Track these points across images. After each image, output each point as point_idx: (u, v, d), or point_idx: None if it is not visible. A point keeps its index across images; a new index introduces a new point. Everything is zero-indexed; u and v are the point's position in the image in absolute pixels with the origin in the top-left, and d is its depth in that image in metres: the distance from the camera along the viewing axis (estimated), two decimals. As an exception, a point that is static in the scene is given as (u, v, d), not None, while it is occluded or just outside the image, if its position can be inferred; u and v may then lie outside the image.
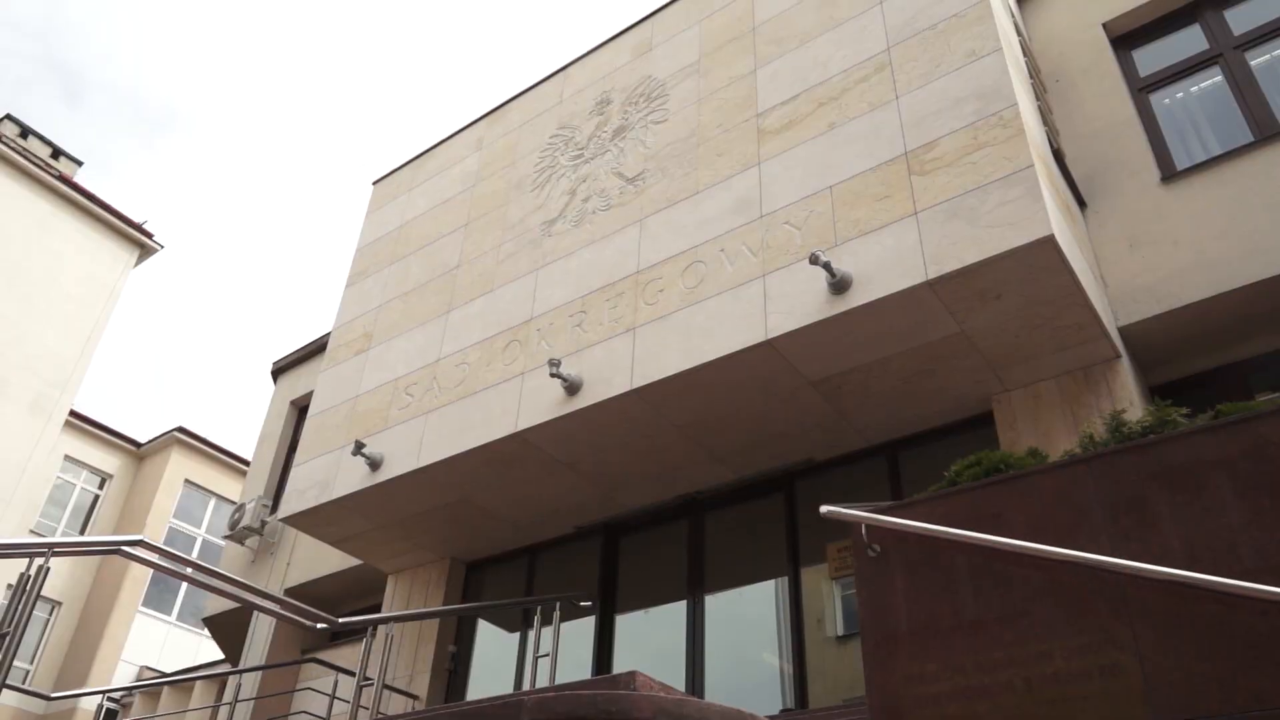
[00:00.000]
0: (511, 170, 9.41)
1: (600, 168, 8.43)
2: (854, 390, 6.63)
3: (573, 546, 8.70)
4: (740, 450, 7.36)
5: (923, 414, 6.86)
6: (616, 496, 8.07)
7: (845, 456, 7.34)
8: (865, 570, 4.44)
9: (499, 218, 9.06)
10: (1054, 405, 6.25)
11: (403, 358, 8.82)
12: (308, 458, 8.96)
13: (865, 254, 6.02)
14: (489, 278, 8.61)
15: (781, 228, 6.60)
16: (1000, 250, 5.46)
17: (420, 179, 10.56)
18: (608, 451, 7.44)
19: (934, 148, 6.10)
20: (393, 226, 10.36)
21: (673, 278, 7.04)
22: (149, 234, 20.21)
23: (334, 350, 9.75)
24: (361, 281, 10.15)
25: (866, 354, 6.28)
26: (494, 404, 7.60)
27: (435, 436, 7.87)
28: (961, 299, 5.77)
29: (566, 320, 7.57)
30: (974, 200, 5.72)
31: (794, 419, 6.96)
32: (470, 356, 8.16)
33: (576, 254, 7.95)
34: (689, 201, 7.38)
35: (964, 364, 6.32)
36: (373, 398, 8.79)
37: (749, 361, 6.38)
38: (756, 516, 7.75)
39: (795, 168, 6.83)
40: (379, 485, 8.10)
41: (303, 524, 8.83)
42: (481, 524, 8.61)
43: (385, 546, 9.04)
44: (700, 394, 6.73)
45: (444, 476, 7.90)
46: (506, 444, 7.42)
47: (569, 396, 7.06)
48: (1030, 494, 4.15)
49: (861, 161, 6.45)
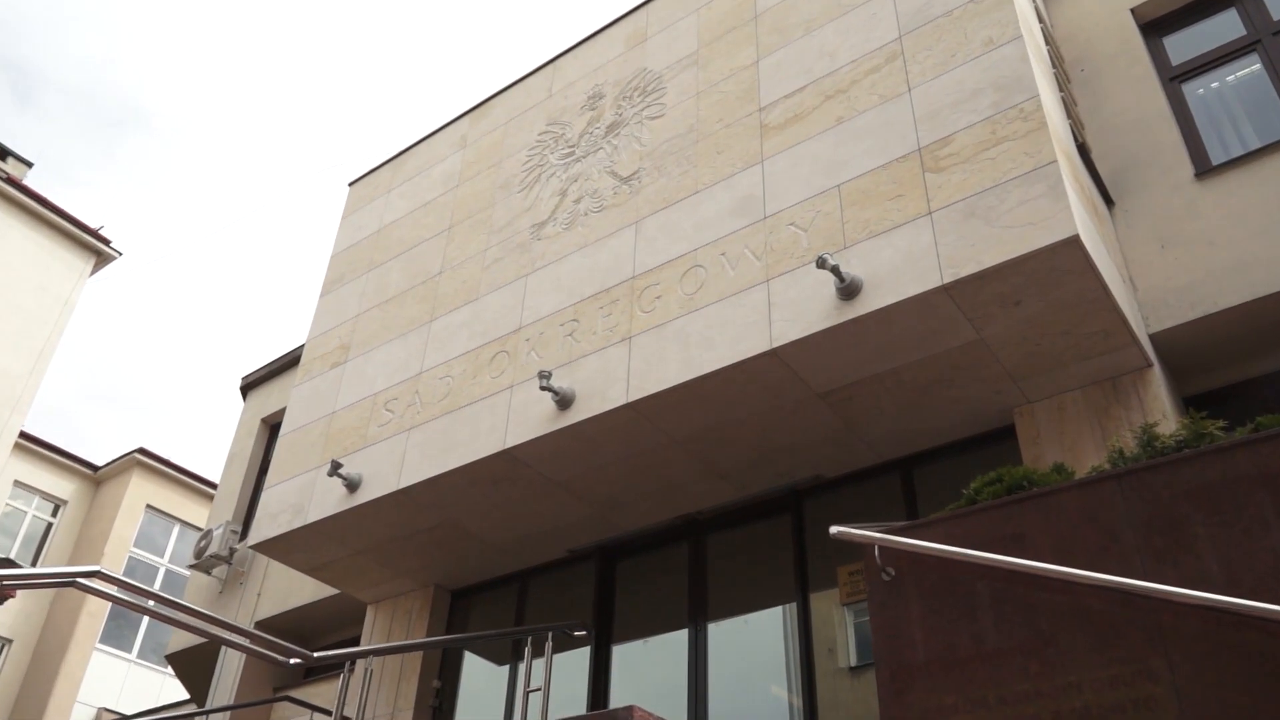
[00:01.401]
0: (497, 170, 9.42)
1: (592, 166, 8.44)
2: (865, 402, 6.63)
3: (566, 572, 8.68)
4: (744, 467, 7.35)
5: (939, 427, 6.86)
6: (612, 517, 8.06)
7: (856, 473, 7.33)
8: (879, 595, 4.43)
9: (484, 220, 9.07)
10: (1080, 418, 6.25)
11: (382, 371, 8.81)
12: (280, 479, 8.94)
13: (876, 257, 6.02)
14: (474, 285, 8.62)
15: (786, 229, 6.62)
16: (1021, 252, 5.47)
17: (399, 180, 10.57)
18: (603, 469, 7.44)
19: (949, 143, 6.12)
20: (370, 230, 10.37)
21: (671, 283, 7.05)
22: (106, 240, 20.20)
23: (308, 363, 9.74)
24: (337, 290, 10.15)
25: (878, 364, 6.28)
26: (480, 419, 7.59)
27: (417, 455, 7.86)
28: (980, 304, 5.78)
29: (557, 330, 7.58)
30: (993, 199, 5.74)
31: (801, 433, 6.96)
32: (455, 369, 8.16)
33: (568, 259, 7.96)
34: (687, 202, 7.39)
35: (983, 374, 6.33)
36: (350, 414, 8.78)
37: (753, 372, 6.39)
38: (762, 538, 7.73)
39: (801, 165, 6.84)
40: (357, 508, 8.08)
41: (275, 551, 8.79)
42: (467, 549, 8.59)
43: (364, 574, 9.02)
44: (701, 407, 6.73)
45: (427, 498, 7.89)
46: (494, 462, 7.41)
47: (561, 411, 7.06)
48: (1055, 513, 4.15)
49: (872, 158, 6.47)
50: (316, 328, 10.00)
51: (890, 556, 4.44)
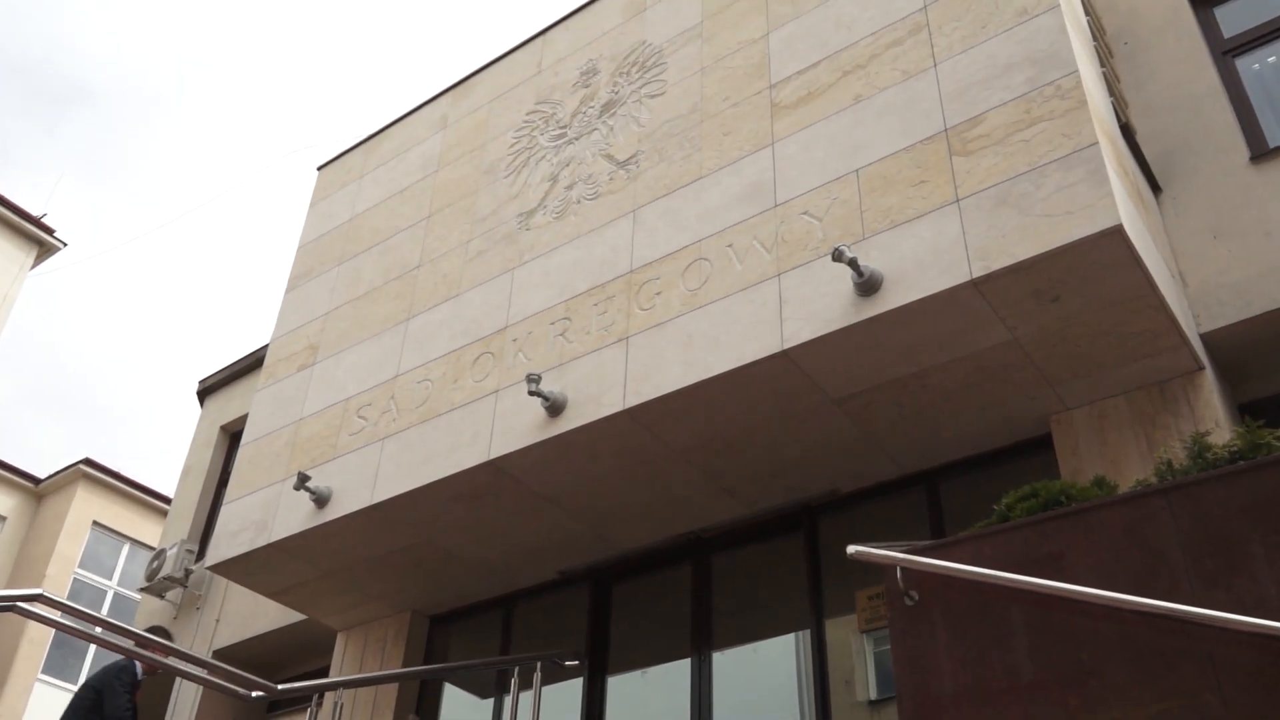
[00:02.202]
0: (481, 153, 9.43)
1: (586, 149, 8.44)
2: (886, 409, 6.63)
3: (556, 595, 8.67)
4: (753, 480, 7.35)
5: (968, 437, 6.85)
6: (608, 535, 8.06)
7: (876, 487, 7.33)
8: (901, 622, 4.42)
9: (467, 209, 9.08)
10: (1124, 426, 6.25)
11: (354, 374, 8.81)
12: (241, 493, 8.93)
13: (898, 249, 6.02)
14: (455, 279, 8.62)
15: (799, 219, 6.61)
16: (1059, 243, 5.46)
17: (373, 164, 10.57)
18: (597, 482, 7.43)
19: (979, 123, 6.12)
20: (341, 219, 10.37)
21: (672, 278, 7.05)
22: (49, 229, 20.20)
23: (272, 366, 9.73)
24: (304, 284, 10.14)
25: (900, 367, 6.27)
26: (462, 428, 7.59)
27: (393, 467, 7.86)
28: (1013, 301, 5.77)
29: (547, 329, 7.58)
30: (1027, 184, 5.74)
31: (816, 443, 6.95)
32: (434, 372, 8.16)
33: (559, 251, 7.96)
34: (691, 188, 7.40)
35: (1016, 378, 6.32)
36: (318, 421, 8.78)
37: (762, 376, 6.38)
38: (772, 558, 7.72)
39: (815, 148, 6.84)
40: (326, 525, 8.07)
41: (235, 573, 8.78)
42: (448, 570, 8.58)
43: (334, 598, 9.00)
44: (705, 414, 6.73)
45: (404, 514, 7.89)
46: (477, 475, 7.41)
47: (551, 418, 7.05)
48: (1097, 531, 4.14)
49: (893, 140, 6.46)
50: (282, 326, 9.99)
51: (914, 579, 4.44)
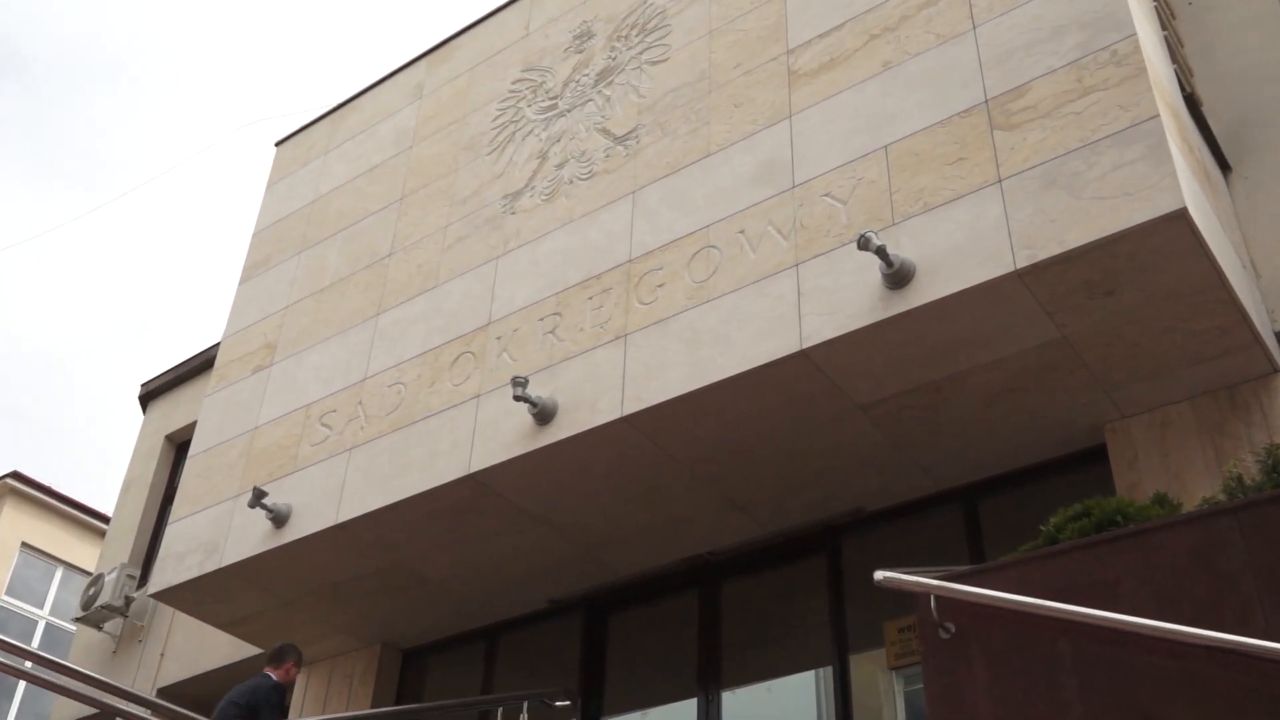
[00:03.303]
0: (461, 127, 9.43)
1: (579, 123, 8.45)
2: (918, 417, 6.63)
3: (546, 626, 8.68)
4: (767, 497, 7.35)
5: (1010, 448, 6.86)
6: (603, 558, 8.06)
7: (907, 505, 7.34)
8: (935, 658, 4.42)
9: (445, 189, 9.08)
10: (1188, 436, 6.24)
11: (317, 376, 8.82)
12: (189, 511, 8.93)
13: (932, 235, 6.02)
14: (432, 269, 8.63)
15: (820, 201, 6.61)
16: (1114, 229, 5.46)
17: (340, 138, 10.56)
18: (591, 499, 7.43)
19: (1024, 93, 6.11)
20: (303, 201, 10.36)
21: (676, 268, 7.06)
22: (-25, 212, 20.20)
23: (224, 367, 9.73)
24: (261, 275, 10.14)
25: (935, 369, 6.28)
26: (439, 437, 7.59)
27: (361, 481, 7.86)
28: (1062, 295, 5.77)
29: (535, 325, 7.58)
30: (1078, 163, 5.73)
31: (839, 455, 6.95)
32: (407, 374, 8.16)
33: (548, 237, 7.96)
34: (697, 167, 7.39)
35: (1066, 381, 6.32)
36: (277, 430, 8.79)
37: (778, 379, 6.38)
38: (790, 585, 7.72)
39: (838, 121, 6.83)
40: (285, 548, 8.07)
41: (182, 601, 8.78)
42: (423, 598, 8.59)
43: (294, 630, 8.98)
44: (714, 422, 6.73)
45: (373, 535, 7.89)
46: (456, 490, 7.41)
47: (539, 426, 7.05)
48: (1157, 555, 4.13)
49: (927, 112, 6.46)
50: (235, 322, 9.98)
51: (950, 609, 4.43)
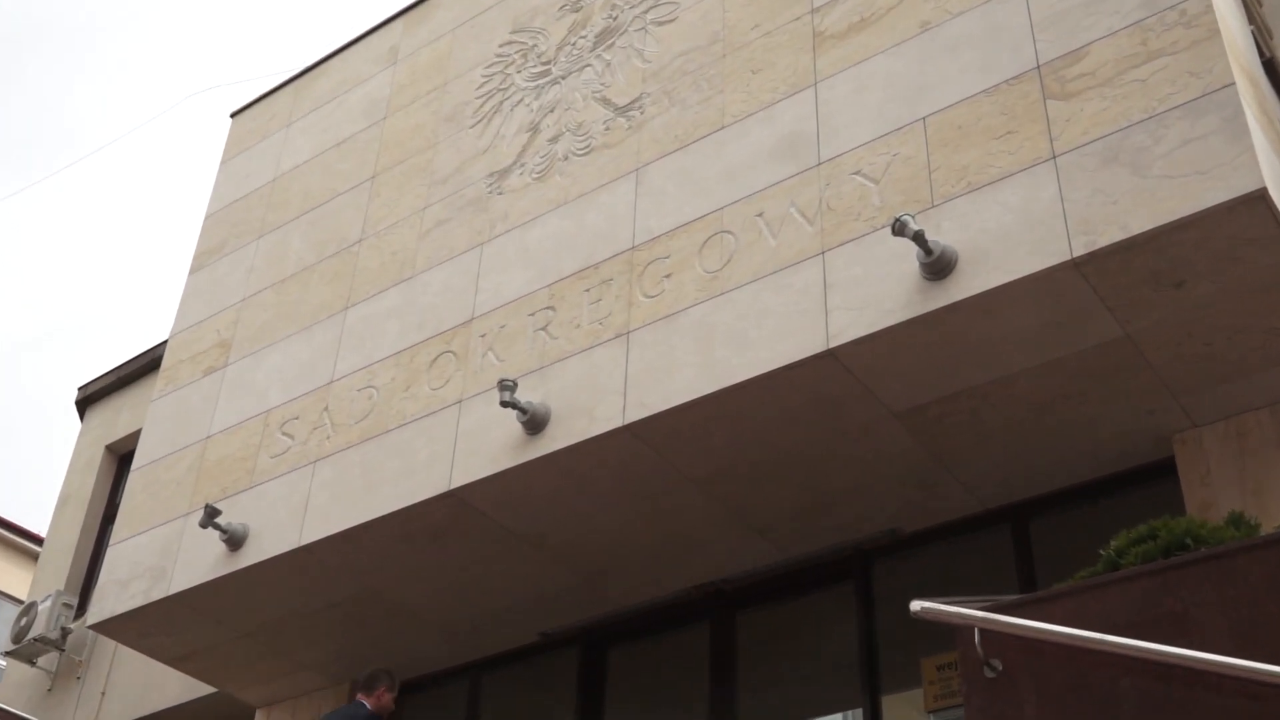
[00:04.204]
0: (441, 96, 9.42)
1: (576, 91, 8.44)
2: (960, 426, 6.61)
3: (537, 663, 8.68)
4: (789, 517, 7.34)
5: (1066, 462, 6.84)
6: (603, 586, 8.05)
7: (948, 526, 7.34)
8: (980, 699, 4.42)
9: (423, 167, 9.07)
10: (1269, 448, 6.23)
11: (278, 379, 8.81)
12: (133, 532, 8.92)
13: (977, 219, 6.00)
14: (408, 258, 8.62)
15: (850, 180, 6.60)
16: (1184, 212, 5.44)
17: (304, 108, 10.57)
18: (589, 519, 7.42)
19: (1082, 57, 6.09)
20: (262, 180, 10.36)
21: (686, 256, 7.04)
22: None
23: (172, 368, 9.72)
24: (214, 264, 10.13)
25: (979, 371, 6.26)
26: (416, 448, 7.58)
27: (327, 498, 7.85)
28: (1125, 287, 5.75)
29: (526, 321, 7.57)
30: (1143, 137, 5.71)
31: (870, 469, 6.94)
32: (380, 376, 8.15)
33: (540, 221, 7.96)
34: (710, 141, 7.38)
35: (1129, 386, 6.31)
36: (232, 440, 8.78)
37: (802, 382, 6.37)
38: (814, 617, 7.72)
39: (870, 90, 6.82)
40: (241, 573, 8.06)
41: (125, 633, 8.78)
42: (398, 630, 8.58)
43: (253, 666, 9.00)
44: (728, 432, 6.72)
45: (341, 559, 7.88)
46: (436, 508, 7.40)
47: (530, 436, 7.04)
48: (1233, 583, 4.12)
49: (971, 79, 6.44)
50: (185, 317, 9.99)
51: (997, 643, 4.43)
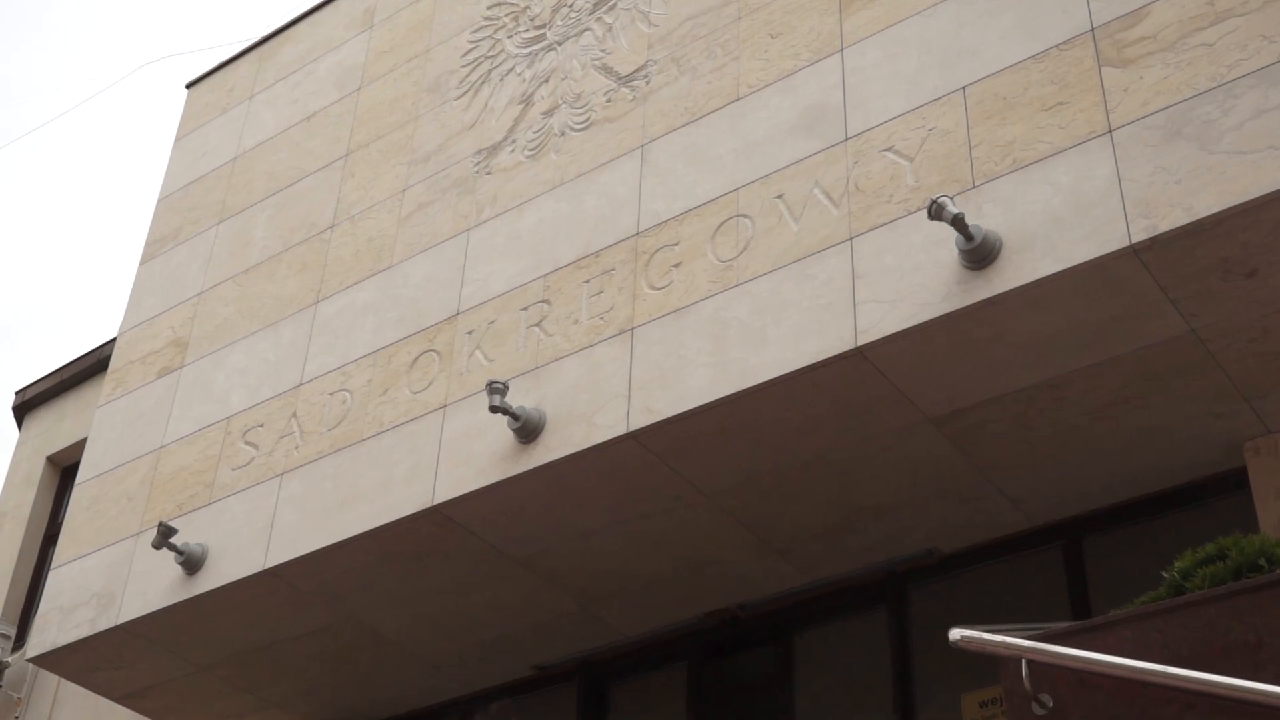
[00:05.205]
0: (423, 64, 9.43)
1: (573, 59, 8.44)
2: (1005, 433, 6.62)
3: (532, 699, 8.69)
4: (813, 535, 7.35)
5: (1124, 473, 6.85)
6: (603, 614, 8.07)
7: (991, 545, 7.35)
8: (1030, 740, 4.42)
9: (401, 144, 9.08)
10: (1349, 456, 6.26)
11: (240, 381, 8.82)
12: (78, 553, 8.92)
13: (1024, 201, 6.01)
14: (386, 245, 8.63)
15: (880, 158, 6.61)
16: (1257, 192, 5.42)
17: (269, 78, 10.57)
18: (588, 538, 7.44)
19: (1141, 19, 6.10)
20: (221, 160, 10.36)
21: (697, 243, 7.05)
22: None
23: (121, 370, 9.74)
24: (168, 253, 10.14)
25: (1027, 372, 6.27)
26: (395, 459, 7.59)
27: (296, 515, 7.86)
28: (1191, 277, 5.75)
29: (518, 316, 7.59)
30: (1211, 108, 5.71)
31: (904, 482, 6.96)
32: (354, 378, 8.16)
33: (534, 204, 7.97)
34: (724, 114, 7.40)
35: (1195, 388, 6.31)
36: (188, 450, 8.79)
37: (827, 384, 6.38)
38: (842, 647, 7.74)
39: (904, 56, 6.83)
40: (200, 599, 8.06)
41: (70, 667, 8.78)
42: (377, 663, 8.59)
43: (211, 704, 9.01)
44: (745, 440, 6.73)
45: (311, 583, 7.89)
46: (417, 526, 7.40)
47: (523, 445, 7.04)
48: (1311, 609, 4.12)
49: (1016, 44, 6.45)
50: (135, 313, 10.00)
51: (1047, 677, 4.42)
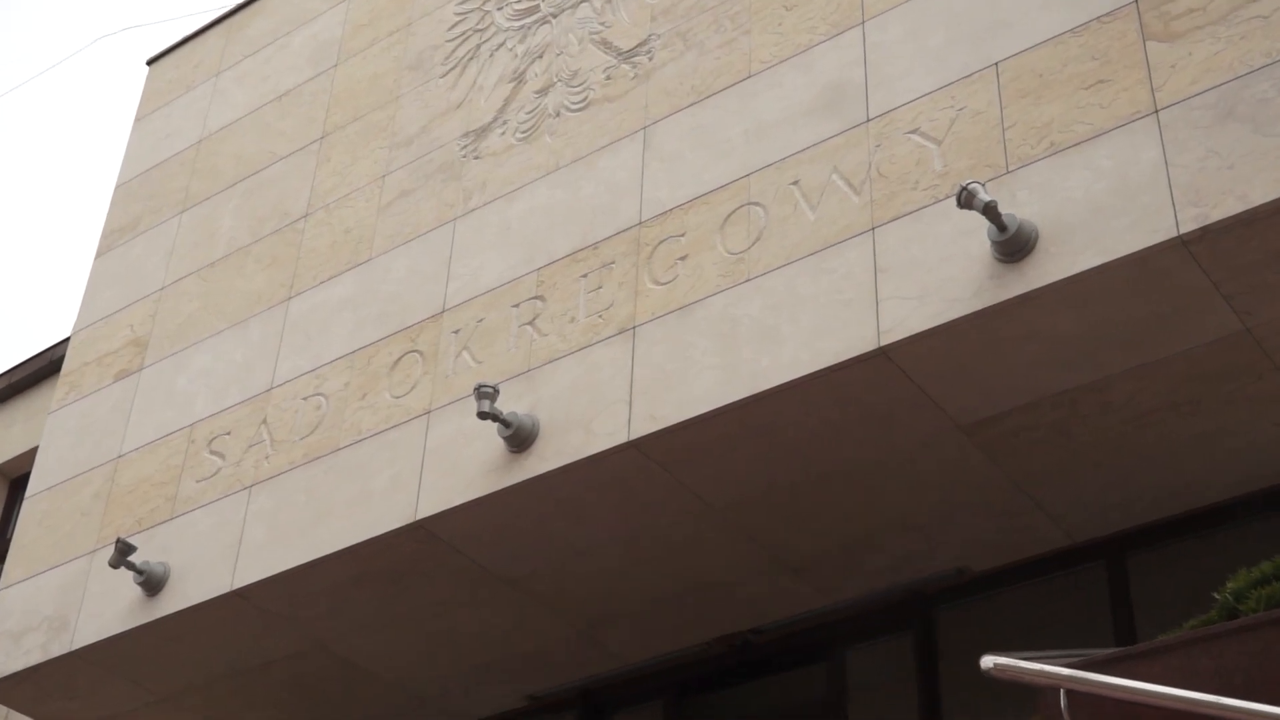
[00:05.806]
0: (405, 38, 9.43)
1: (570, 33, 8.44)
2: (1043, 442, 6.62)
3: (522, 734, 8.68)
4: (831, 553, 7.36)
5: (1172, 486, 6.85)
6: (603, 639, 8.07)
7: (1027, 564, 7.36)
8: (1071, 777, 4.40)
9: (382, 125, 9.09)
10: None
11: (205, 385, 8.82)
12: (27, 573, 8.93)
13: (1062, 187, 6.00)
14: (364, 236, 8.63)
15: (905, 140, 6.60)
16: (1316, 179, 5.44)
17: (237, 53, 10.58)
18: (586, 556, 7.44)
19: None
20: (186, 142, 10.37)
21: (705, 233, 7.05)
22: None
23: (75, 372, 9.74)
24: (126, 244, 10.15)
25: (1066, 374, 6.26)
26: (374, 470, 7.59)
27: (266, 531, 7.85)
28: (1245, 270, 5.74)
29: (509, 314, 7.58)
30: (1266, 86, 5.70)
31: (932, 496, 6.96)
32: (330, 381, 8.16)
33: (527, 191, 7.97)
34: (734, 93, 7.39)
35: (1250, 392, 6.31)
36: (149, 460, 8.79)
37: (847, 388, 6.38)
38: (864, 675, 7.74)
39: (929, 30, 6.83)
40: (162, 623, 8.06)
41: (18, 697, 8.80)
42: (352, 693, 8.60)
43: (173, 736, 9.02)
44: (757, 449, 6.73)
45: (282, 605, 7.89)
46: (399, 543, 7.40)
47: (514, 453, 7.04)
48: (1381, 634, 4.10)
49: (1053, 16, 6.44)
50: (91, 310, 10.01)
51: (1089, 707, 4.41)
